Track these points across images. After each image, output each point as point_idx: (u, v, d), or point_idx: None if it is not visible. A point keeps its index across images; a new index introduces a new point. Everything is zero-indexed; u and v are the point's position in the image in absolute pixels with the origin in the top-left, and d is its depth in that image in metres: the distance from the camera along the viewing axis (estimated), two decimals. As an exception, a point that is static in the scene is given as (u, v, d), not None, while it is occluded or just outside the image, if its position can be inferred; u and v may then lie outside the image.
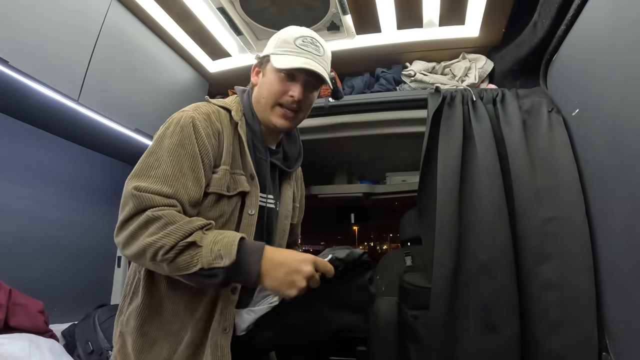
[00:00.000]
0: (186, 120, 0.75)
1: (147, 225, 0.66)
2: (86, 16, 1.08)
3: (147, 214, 0.66)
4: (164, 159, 0.72)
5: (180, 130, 0.74)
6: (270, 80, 0.85)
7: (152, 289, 0.76)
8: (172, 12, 1.28)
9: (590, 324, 0.95)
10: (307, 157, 1.76)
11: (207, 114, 0.79)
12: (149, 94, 1.32)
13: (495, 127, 1.20)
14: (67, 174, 1.47)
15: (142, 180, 0.70)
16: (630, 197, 0.80)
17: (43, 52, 0.97)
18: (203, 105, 0.82)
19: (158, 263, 0.66)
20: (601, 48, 0.91)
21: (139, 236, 0.66)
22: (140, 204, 0.67)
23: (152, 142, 0.76)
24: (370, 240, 8.88)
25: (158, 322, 0.74)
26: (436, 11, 1.28)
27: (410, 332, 1.19)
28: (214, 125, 0.79)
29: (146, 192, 0.68)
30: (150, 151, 0.74)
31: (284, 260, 0.68)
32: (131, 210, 0.67)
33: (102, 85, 1.14)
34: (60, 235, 1.42)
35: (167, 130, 0.75)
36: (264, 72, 0.87)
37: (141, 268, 0.77)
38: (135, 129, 1.26)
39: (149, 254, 0.65)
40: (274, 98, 0.85)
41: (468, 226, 1.12)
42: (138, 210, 0.67)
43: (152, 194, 0.68)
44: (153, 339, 0.74)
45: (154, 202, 0.67)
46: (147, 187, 0.68)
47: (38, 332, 1.12)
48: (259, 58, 0.91)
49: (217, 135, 0.79)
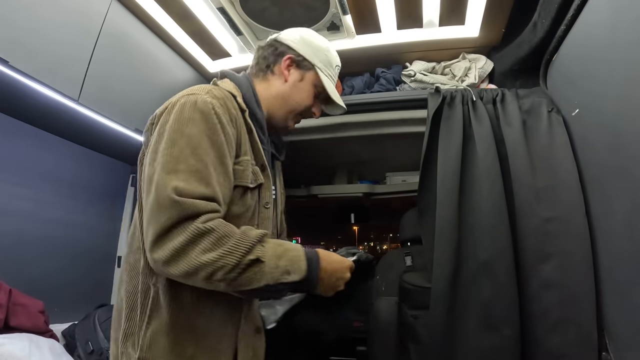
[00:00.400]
0: (206, 106, 0.68)
1: (197, 240, 0.58)
2: (86, 16, 1.08)
3: (197, 227, 0.58)
4: (191, 152, 0.63)
5: (203, 118, 0.66)
6: (307, 91, 0.89)
7: (178, 302, 0.66)
8: (172, 12, 1.28)
9: (590, 323, 0.95)
10: (307, 157, 1.76)
11: (222, 99, 0.73)
12: (149, 94, 1.32)
13: (495, 127, 1.20)
14: (66, 174, 1.47)
15: (177, 178, 0.61)
16: (631, 197, 0.80)
17: (43, 52, 0.97)
18: (214, 89, 0.75)
19: (213, 282, 0.59)
20: (601, 48, 0.91)
21: (189, 253, 0.57)
22: (183, 212, 0.58)
23: (167, 129, 0.66)
24: (370, 240, 8.88)
25: (193, 338, 0.66)
26: (436, 11, 1.28)
27: (410, 332, 1.19)
28: (230, 112, 0.73)
29: (188, 197, 0.59)
30: (171, 140, 0.64)
31: (335, 268, 0.71)
32: (172, 219, 0.58)
33: (102, 85, 1.14)
34: (59, 235, 1.42)
35: (182, 115, 0.66)
36: (304, 77, 0.89)
37: (156, 280, 0.67)
38: (135, 128, 1.26)
39: (204, 274, 0.58)
40: (301, 109, 0.90)
41: (468, 226, 1.12)
42: (181, 219, 0.58)
43: (195, 198, 0.60)
44: (190, 357, 0.66)
45: (199, 209, 0.59)
46: (188, 190, 0.60)
47: (38, 332, 1.12)
48: (296, 53, 0.88)
49: (235, 123, 0.73)
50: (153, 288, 0.67)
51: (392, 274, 1.41)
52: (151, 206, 0.60)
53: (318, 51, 0.91)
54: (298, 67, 0.88)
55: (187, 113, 0.67)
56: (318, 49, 0.91)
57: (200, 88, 0.73)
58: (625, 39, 0.79)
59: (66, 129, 1.36)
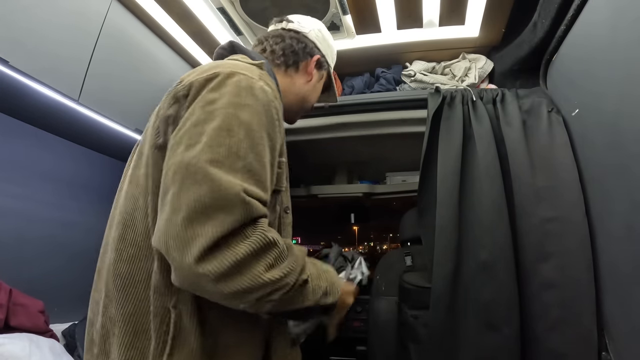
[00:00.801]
0: (265, 96, 0.58)
1: (263, 252, 0.49)
2: (86, 16, 1.08)
3: (264, 236, 0.49)
4: (250, 146, 0.53)
5: (263, 110, 0.57)
6: (319, 90, 0.90)
7: (205, 326, 0.55)
8: (172, 12, 1.28)
9: (590, 323, 0.95)
10: (307, 157, 1.77)
11: (275, 91, 0.63)
12: (149, 94, 1.32)
13: (495, 127, 1.20)
14: (66, 174, 1.47)
15: (242, 175, 0.51)
16: (630, 197, 0.80)
17: (43, 52, 0.97)
18: (263, 74, 0.65)
19: (263, 303, 0.50)
20: (601, 48, 0.91)
21: (253, 268, 0.48)
22: (249, 216, 0.49)
23: (220, 110, 0.54)
24: (370, 240, 8.88)
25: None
26: (436, 11, 1.28)
27: (410, 331, 1.19)
28: (279, 103, 0.64)
29: (255, 199, 0.50)
30: (227, 126, 0.52)
31: (347, 291, 0.71)
32: (239, 222, 0.48)
33: (103, 85, 1.14)
34: (60, 234, 1.42)
35: (238, 98, 0.55)
36: (322, 77, 0.89)
37: (177, 302, 0.55)
38: (135, 128, 1.26)
39: (260, 294, 0.49)
40: (311, 107, 0.89)
41: (468, 226, 1.13)
42: (243, 223, 0.48)
43: (260, 201, 0.51)
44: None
45: (260, 213, 0.51)
46: (255, 191, 0.51)
47: (38, 332, 1.12)
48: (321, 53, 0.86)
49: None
50: (174, 311, 0.54)
51: (392, 273, 1.41)
52: (202, 204, 0.47)
53: (332, 51, 0.91)
54: (320, 67, 0.87)
55: (244, 97, 0.56)
56: (332, 48, 0.92)
57: (247, 68, 0.62)
58: (625, 39, 0.79)
59: (66, 129, 1.36)
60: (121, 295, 0.57)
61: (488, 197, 1.10)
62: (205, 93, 0.56)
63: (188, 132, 0.53)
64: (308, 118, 1.53)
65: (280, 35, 0.84)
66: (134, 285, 0.57)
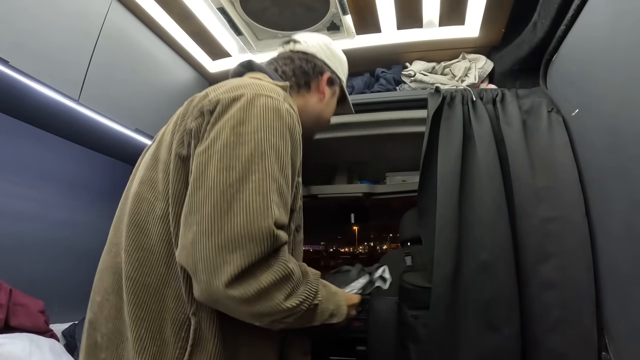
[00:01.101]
0: (291, 119, 0.61)
1: (283, 282, 0.52)
2: (87, 17, 1.08)
3: (285, 267, 0.53)
4: (280, 171, 0.56)
5: (289, 134, 0.59)
6: (334, 105, 0.90)
7: (222, 334, 0.57)
8: (172, 13, 1.28)
9: (590, 323, 0.95)
10: (308, 157, 1.77)
11: (296, 111, 0.66)
12: (149, 94, 1.33)
13: (495, 127, 1.20)
14: (67, 174, 1.48)
15: (274, 203, 0.53)
16: (630, 197, 0.81)
17: (44, 53, 0.97)
18: (288, 97, 0.67)
19: (277, 323, 0.54)
20: (601, 48, 0.91)
21: (274, 297, 0.51)
22: (273, 246, 0.51)
23: (251, 134, 0.55)
24: (370, 240, 8.88)
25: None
26: (436, 11, 1.28)
27: (410, 331, 1.19)
28: (299, 124, 0.65)
29: (280, 228, 0.53)
30: (261, 151, 0.54)
31: (351, 304, 0.74)
32: (264, 253, 0.50)
33: (103, 86, 1.14)
34: (60, 235, 1.42)
35: (267, 122, 0.57)
36: (335, 93, 0.89)
37: (197, 309, 0.56)
38: (135, 129, 1.27)
39: (278, 317, 0.53)
40: (327, 123, 0.90)
41: (468, 226, 1.13)
42: (269, 252, 0.51)
43: (283, 228, 0.54)
44: None
45: (283, 241, 0.54)
46: (282, 219, 0.54)
47: (38, 332, 1.13)
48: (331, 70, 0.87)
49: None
50: (194, 318, 0.56)
51: (391, 273, 1.41)
52: (234, 233, 0.49)
53: (342, 65, 0.92)
54: (332, 84, 0.87)
55: (272, 120, 0.57)
56: (342, 62, 0.92)
57: (272, 89, 0.63)
58: (624, 40, 0.79)
59: (67, 129, 1.36)
60: (134, 299, 0.57)
61: (488, 197, 1.10)
62: (233, 113, 0.57)
63: (219, 152, 0.54)
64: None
65: (290, 57, 0.85)
66: (148, 291, 0.57)
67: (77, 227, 1.49)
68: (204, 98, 0.63)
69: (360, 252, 8.17)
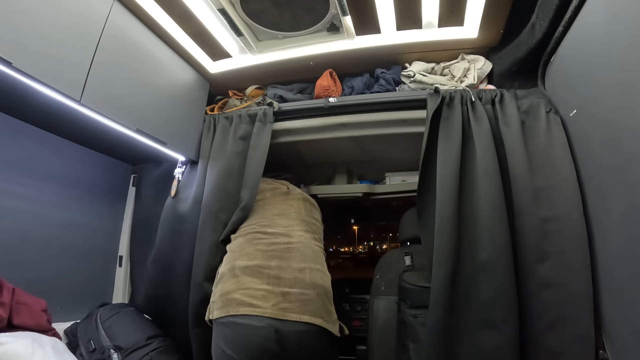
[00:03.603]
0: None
1: None
2: (88, 18, 1.08)
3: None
4: None
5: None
6: None
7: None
8: (173, 14, 1.29)
9: (588, 322, 0.96)
10: (307, 157, 1.78)
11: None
12: (150, 95, 1.33)
13: (494, 128, 1.21)
14: (69, 174, 1.48)
15: None
16: (628, 197, 0.81)
17: (45, 54, 0.97)
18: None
19: None
20: (598, 50, 0.92)
21: None
22: None
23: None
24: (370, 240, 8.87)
25: None
26: (435, 12, 1.29)
27: (409, 331, 1.20)
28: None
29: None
30: None
31: None
32: None
33: (104, 86, 1.14)
34: (62, 234, 1.42)
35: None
36: None
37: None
38: (136, 129, 1.27)
39: None
40: None
41: (467, 226, 1.13)
42: None
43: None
44: None
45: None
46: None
47: (41, 331, 1.13)
48: None
49: None
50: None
51: (391, 273, 1.42)
52: None
53: None
54: None
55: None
56: None
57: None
58: (621, 42, 0.80)
59: (68, 130, 1.37)
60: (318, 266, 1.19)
61: (487, 197, 1.11)
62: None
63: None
64: (308, 118, 1.54)
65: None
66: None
67: (79, 226, 1.49)
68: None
69: (360, 252, 8.17)
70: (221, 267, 1.21)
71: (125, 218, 1.68)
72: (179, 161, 1.56)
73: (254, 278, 1.11)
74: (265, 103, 1.58)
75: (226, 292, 1.11)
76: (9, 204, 1.24)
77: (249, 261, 1.16)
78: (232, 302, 1.08)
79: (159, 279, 1.43)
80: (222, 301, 1.10)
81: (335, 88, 1.55)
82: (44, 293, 1.21)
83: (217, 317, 1.09)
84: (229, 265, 1.18)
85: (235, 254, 1.21)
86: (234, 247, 1.25)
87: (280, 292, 1.08)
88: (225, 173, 1.43)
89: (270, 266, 1.14)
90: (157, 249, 1.45)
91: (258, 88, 1.72)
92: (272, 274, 1.12)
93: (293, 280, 1.11)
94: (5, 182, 1.24)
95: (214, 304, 1.13)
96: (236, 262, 1.17)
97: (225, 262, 1.21)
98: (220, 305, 1.10)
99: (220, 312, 1.09)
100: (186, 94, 1.52)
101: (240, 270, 1.14)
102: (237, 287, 1.10)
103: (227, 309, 1.07)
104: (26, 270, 1.26)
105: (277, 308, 1.05)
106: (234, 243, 1.27)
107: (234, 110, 1.61)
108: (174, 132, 1.43)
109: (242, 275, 1.12)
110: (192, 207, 1.43)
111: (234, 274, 1.14)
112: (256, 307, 1.04)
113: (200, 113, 1.60)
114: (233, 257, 1.20)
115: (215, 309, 1.11)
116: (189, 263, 1.35)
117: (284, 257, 1.18)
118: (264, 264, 1.14)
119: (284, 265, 1.15)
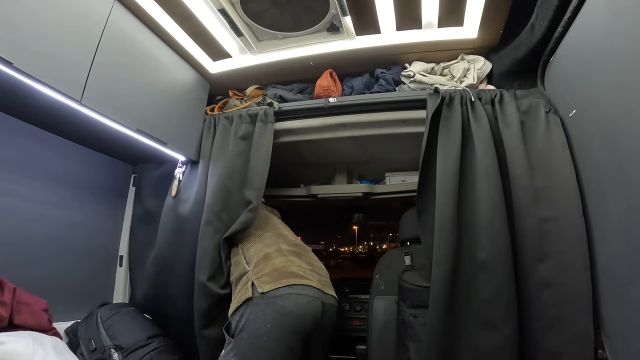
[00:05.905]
0: None
1: None
2: (89, 18, 1.09)
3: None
4: None
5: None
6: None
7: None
8: (173, 14, 1.29)
9: (587, 321, 0.96)
10: (307, 157, 1.79)
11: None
12: (150, 95, 1.33)
13: (494, 128, 1.21)
14: (70, 174, 1.48)
15: None
16: (627, 197, 0.82)
17: (46, 54, 0.98)
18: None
19: None
20: (597, 50, 0.92)
21: None
22: None
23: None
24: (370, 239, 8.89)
25: None
26: (435, 12, 1.29)
27: (409, 330, 1.20)
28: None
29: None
30: None
31: None
32: None
33: (104, 87, 1.15)
34: (63, 234, 1.43)
35: None
36: None
37: None
38: (137, 129, 1.27)
39: None
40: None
41: (467, 226, 1.13)
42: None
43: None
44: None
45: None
46: None
47: (42, 330, 1.13)
48: None
49: None
50: None
51: (391, 273, 1.42)
52: None
53: None
54: None
55: None
56: None
57: None
58: (620, 42, 0.80)
59: (69, 130, 1.37)
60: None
61: (486, 197, 1.11)
62: None
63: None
64: (308, 118, 1.54)
65: None
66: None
67: (79, 226, 1.49)
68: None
69: (360, 252, 8.19)
70: (262, 250, 1.27)
71: (126, 218, 1.68)
72: (179, 161, 1.56)
73: (298, 259, 1.26)
74: (265, 103, 1.58)
75: (279, 267, 1.19)
76: (9, 203, 1.24)
77: (289, 247, 1.31)
78: (289, 274, 1.16)
79: (159, 278, 1.43)
80: (276, 274, 1.15)
81: (335, 88, 1.55)
82: (45, 293, 1.21)
83: (271, 289, 1.11)
84: (275, 247, 1.29)
85: (271, 239, 1.34)
86: (266, 237, 1.35)
87: (316, 272, 1.25)
88: (227, 173, 1.43)
89: (302, 254, 1.32)
90: (157, 248, 1.45)
91: (258, 88, 1.72)
92: (306, 259, 1.30)
93: (318, 267, 1.31)
94: (6, 181, 1.24)
95: (260, 280, 1.14)
96: (280, 245, 1.31)
97: (268, 245, 1.30)
98: (273, 278, 1.13)
99: (275, 284, 1.11)
100: (186, 94, 1.53)
101: (287, 252, 1.27)
102: (290, 263, 1.21)
103: (283, 280, 1.13)
104: (27, 270, 1.26)
105: (320, 283, 1.20)
106: (264, 235, 1.37)
107: (234, 110, 1.61)
108: (174, 132, 1.43)
109: (289, 255, 1.26)
110: (193, 207, 1.43)
111: (282, 253, 1.26)
112: (310, 280, 1.18)
113: (201, 113, 1.60)
114: (274, 242, 1.32)
115: (265, 282, 1.13)
116: (190, 263, 1.35)
117: (304, 250, 1.38)
118: (299, 251, 1.32)
119: (308, 255, 1.35)
